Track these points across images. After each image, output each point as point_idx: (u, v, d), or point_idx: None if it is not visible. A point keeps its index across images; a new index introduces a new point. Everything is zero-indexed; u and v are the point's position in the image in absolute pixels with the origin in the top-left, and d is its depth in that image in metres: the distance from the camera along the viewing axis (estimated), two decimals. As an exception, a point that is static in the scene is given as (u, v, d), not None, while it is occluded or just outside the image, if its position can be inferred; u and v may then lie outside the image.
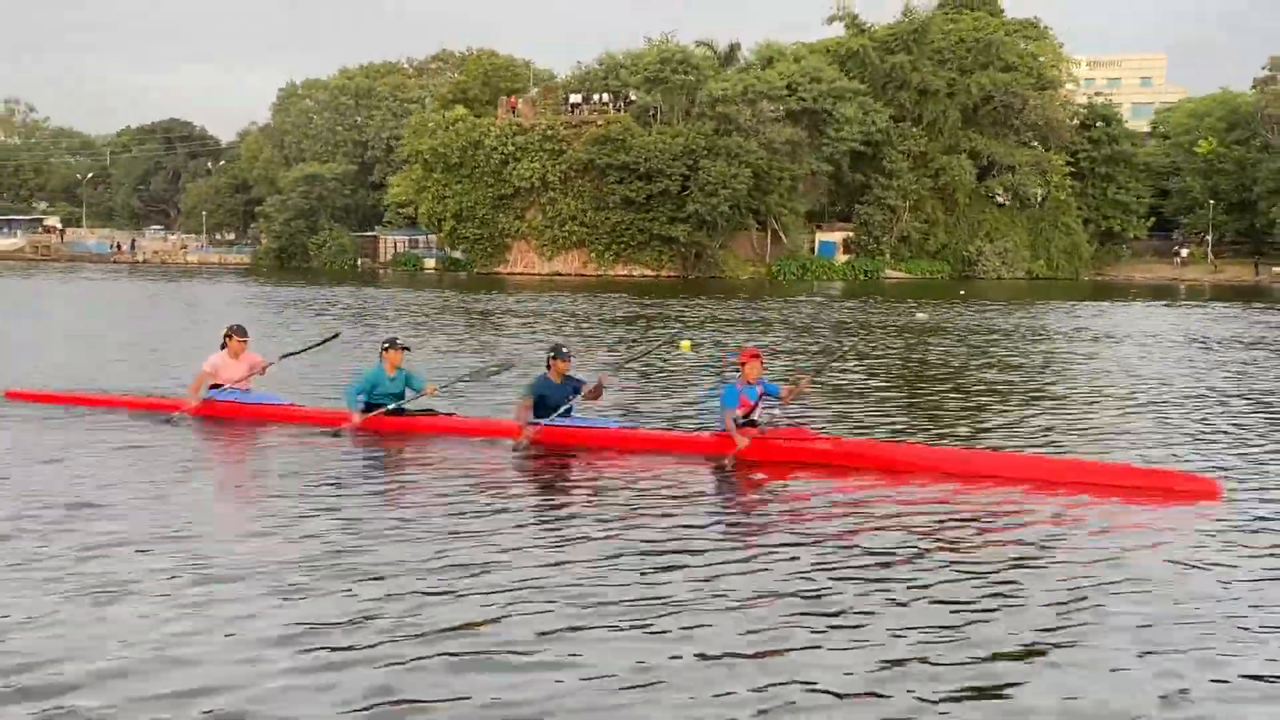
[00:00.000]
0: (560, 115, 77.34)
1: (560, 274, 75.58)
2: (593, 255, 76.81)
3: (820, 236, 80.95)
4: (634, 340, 24.69)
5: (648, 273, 75.21)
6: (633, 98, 76.96)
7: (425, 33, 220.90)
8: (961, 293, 54.95)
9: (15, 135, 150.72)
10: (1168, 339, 28.15)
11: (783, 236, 77.55)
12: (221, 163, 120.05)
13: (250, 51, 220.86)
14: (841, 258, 79.54)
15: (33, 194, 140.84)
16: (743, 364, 11.59)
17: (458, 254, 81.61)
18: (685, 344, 19.70)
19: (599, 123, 74.93)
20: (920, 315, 34.84)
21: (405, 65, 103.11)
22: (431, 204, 78.75)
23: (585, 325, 30.29)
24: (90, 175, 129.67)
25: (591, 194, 75.43)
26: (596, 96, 77.94)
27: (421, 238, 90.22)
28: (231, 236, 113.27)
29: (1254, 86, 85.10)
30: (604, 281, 67.61)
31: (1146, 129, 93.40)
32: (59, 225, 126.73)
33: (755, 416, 11.45)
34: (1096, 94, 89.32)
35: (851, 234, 79.87)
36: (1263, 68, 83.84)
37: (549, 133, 75.85)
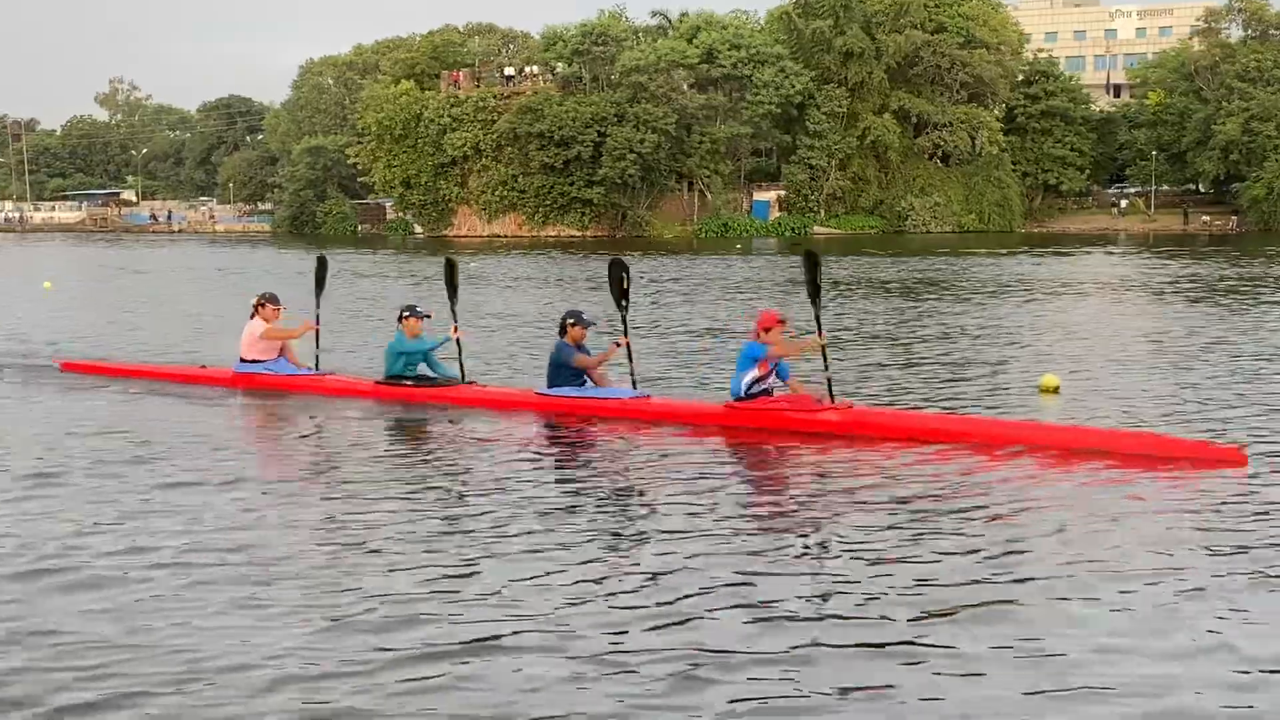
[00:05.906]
0: (494, 87, 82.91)
1: (499, 235, 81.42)
2: (525, 217, 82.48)
3: (756, 196, 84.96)
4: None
5: (574, 233, 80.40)
6: (559, 69, 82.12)
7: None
8: (740, 244, 58.49)
9: (118, 112, 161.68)
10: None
11: (708, 196, 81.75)
12: (258, 136, 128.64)
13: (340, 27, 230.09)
14: (775, 216, 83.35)
15: (119, 169, 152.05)
16: (767, 329, 10.64)
17: (408, 217, 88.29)
18: (47, 285, 23.04)
19: (527, 93, 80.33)
20: (472, 264, 39.60)
21: (412, 39, 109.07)
22: (383, 172, 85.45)
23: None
24: (145, 150, 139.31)
25: (519, 161, 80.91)
26: (528, 69, 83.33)
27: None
28: (268, 206, 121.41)
29: (1190, 37, 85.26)
30: (535, 241, 73.98)
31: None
32: (134, 199, 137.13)
33: (769, 385, 10.87)
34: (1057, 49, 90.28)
35: (784, 193, 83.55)
36: (1197, 19, 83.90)
37: (481, 104, 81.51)
